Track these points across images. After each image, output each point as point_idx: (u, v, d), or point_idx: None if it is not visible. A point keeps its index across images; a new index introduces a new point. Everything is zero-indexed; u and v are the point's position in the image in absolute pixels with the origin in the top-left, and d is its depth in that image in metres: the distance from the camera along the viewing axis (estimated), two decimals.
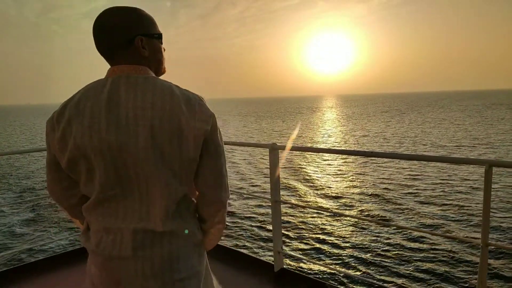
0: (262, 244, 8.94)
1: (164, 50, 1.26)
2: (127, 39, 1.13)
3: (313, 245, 8.90)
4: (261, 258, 3.23)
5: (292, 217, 10.72)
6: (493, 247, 2.06)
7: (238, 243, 9.06)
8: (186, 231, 1.16)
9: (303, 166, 18.27)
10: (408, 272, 7.42)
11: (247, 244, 8.91)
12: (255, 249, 8.64)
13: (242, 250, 3.43)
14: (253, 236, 9.66)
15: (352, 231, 9.58)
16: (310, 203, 12.51)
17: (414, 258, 7.96)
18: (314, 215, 10.83)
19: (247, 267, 3.15)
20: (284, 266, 2.97)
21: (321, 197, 13.02)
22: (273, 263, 2.98)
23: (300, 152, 22.26)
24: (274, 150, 2.85)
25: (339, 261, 8.00)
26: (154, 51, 1.19)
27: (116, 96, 1.08)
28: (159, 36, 1.21)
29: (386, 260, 7.92)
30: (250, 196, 12.97)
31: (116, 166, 1.07)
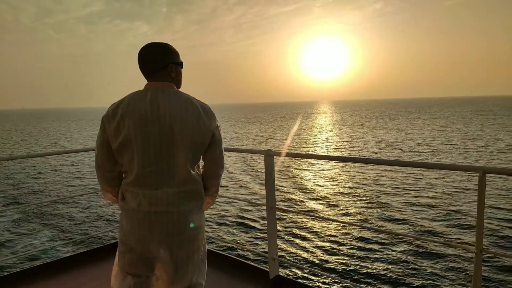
0: (257, 250, 8.90)
1: (182, 66, 1.82)
2: (164, 65, 1.70)
3: (309, 252, 8.88)
4: (256, 265, 3.22)
5: (287, 224, 10.70)
6: (487, 253, 2.07)
7: (233, 249, 9.02)
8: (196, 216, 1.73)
9: (298, 172, 18.28)
10: (402, 278, 7.42)
11: (242, 250, 8.87)
12: (250, 256, 8.60)
13: (237, 257, 3.41)
14: (248, 242, 9.62)
15: (347, 237, 9.57)
16: (305, 210, 12.50)
17: (408, 265, 7.96)
18: (310, 221, 10.82)
19: (242, 274, 3.13)
20: (280, 273, 2.96)
21: (316, 204, 13.02)
22: (268, 270, 2.97)
23: (296, 158, 22.29)
24: (270, 156, 2.86)
25: (335, 268, 7.98)
26: (177, 74, 1.76)
27: (156, 102, 1.61)
28: (182, 64, 1.79)
29: (381, 266, 7.92)
30: (245, 202, 12.94)
31: (155, 149, 1.61)
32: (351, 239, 9.43)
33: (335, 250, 8.85)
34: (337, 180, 16.46)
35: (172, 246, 1.66)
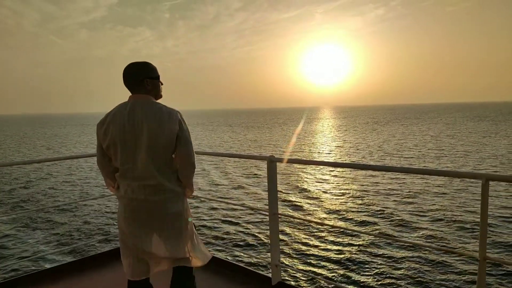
0: (259, 257, 8.87)
1: (162, 84, 2.20)
2: (139, 80, 2.07)
3: (311, 258, 8.83)
4: (259, 271, 3.21)
5: (290, 230, 10.65)
6: (491, 261, 2.06)
7: (235, 255, 8.99)
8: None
9: (300, 178, 18.24)
10: (405, 285, 7.36)
11: (244, 257, 8.84)
12: (252, 262, 8.56)
13: (239, 263, 3.41)
14: (250, 249, 9.59)
15: (350, 244, 9.52)
16: (308, 216, 12.45)
17: (412, 272, 7.91)
18: (312, 228, 10.77)
19: (244, 280, 3.12)
20: (282, 280, 2.95)
21: (319, 210, 12.97)
22: (270, 276, 2.96)
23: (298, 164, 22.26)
24: (272, 162, 2.86)
25: (337, 275, 7.93)
26: (154, 86, 2.13)
27: (133, 112, 2.01)
28: (157, 77, 2.15)
29: (384, 274, 7.86)
30: (247, 208, 12.91)
31: (131, 150, 2.00)
32: (354, 246, 9.38)
33: (338, 257, 8.81)
34: (339, 186, 16.42)
35: (153, 229, 2.05)
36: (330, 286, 7.37)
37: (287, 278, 7.63)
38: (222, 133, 54.01)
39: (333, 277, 7.82)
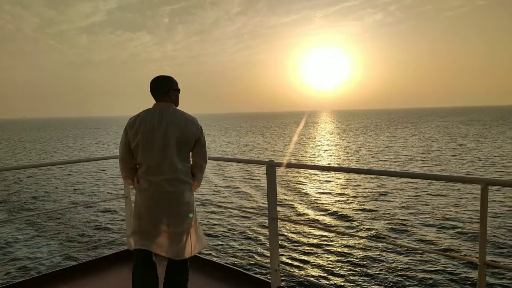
0: (259, 261, 8.84)
1: (180, 91, 2.63)
2: (166, 91, 2.51)
3: (311, 263, 8.80)
4: (258, 276, 3.20)
5: (289, 234, 10.63)
6: (491, 266, 2.06)
7: (235, 260, 8.96)
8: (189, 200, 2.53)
9: (300, 182, 18.23)
10: None
11: (243, 261, 8.81)
12: (252, 267, 8.53)
13: (238, 268, 3.40)
14: (250, 253, 9.56)
15: (350, 248, 9.50)
16: (307, 220, 12.43)
17: (412, 277, 7.88)
18: (312, 232, 10.75)
19: (244, 285, 3.12)
20: (282, 284, 2.94)
21: (319, 214, 12.95)
22: (270, 281, 2.95)
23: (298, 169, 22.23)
24: (272, 167, 2.86)
25: (337, 280, 7.91)
26: (175, 97, 2.57)
27: (160, 117, 2.41)
28: (179, 90, 2.60)
29: (384, 278, 7.84)
30: (247, 213, 12.89)
31: (159, 150, 2.39)
32: (354, 250, 9.35)
33: (338, 261, 8.78)
34: (339, 190, 16.40)
35: (170, 214, 2.43)
36: None
37: (287, 282, 7.61)
38: (220, 137, 54.03)
39: (333, 282, 7.80)
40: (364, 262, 8.67)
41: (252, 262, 8.72)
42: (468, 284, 7.51)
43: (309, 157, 29.63)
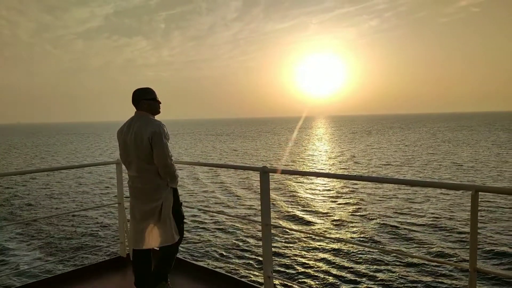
0: (252, 268, 8.80)
1: (160, 103, 3.04)
2: (138, 101, 2.95)
3: (304, 270, 8.79)
4: (251, 282, 3.20)
5: (283, 241, 10.61)
6: (481, 272, 2.08)
7: (228, 267, 8.92)
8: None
9: (293, 189, 18.24)
10: None
11: (237, 268, 8.77)
12: (245, 274, 8.50)
13: (231, 275, 3.39)
14: (243, 260, 9.52)
15: (343, 255, 9.51)
16: (301, 227, 12.42)
17: (403, 283, 7.91)
18: (306, 239, 10.74)
19: None
20: None
21: (312, 221, 12.95)
22: (263, 287, 2.95)
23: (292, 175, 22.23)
24: (265, 173, 2.87)
25: (330, 286, 7.90)
26: (150, 106, 2.96)
27: (133, 124, 2.90)
28: (153, 99, 2.98)
29: (376, 284, 7.85)
30: (240, 219, 12.84)
31: (129, 152, 2.89)
32: (347, 257, 9.36)
33: (331, 268, 8.78)
34: (332, 196, 16.44)
35: (146, 209, 2.87)
36: None
37: None
38: (211, 142, 53.91)
39: None
40: (357, 268, 8.68)
41: (245, 269, 8.68)
42: None
43: (303, 162, 29.68)
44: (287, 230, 11.53)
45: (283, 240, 10.66)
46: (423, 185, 2.34)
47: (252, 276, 8.34)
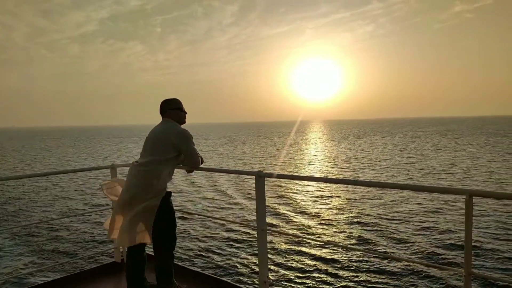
0: (248, 273, 8.77)
1: (186, 113, 3.28)
2: (166, 110, 3.21)
3: (300, 274, 8.77)
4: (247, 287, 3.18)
5: (279, 246, 10.59)
6: (476, 276, 2.09)
7: (223, 272, 8.87)
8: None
9: (289, 193, 18.22)
10: None
11: (232, 273, 8.73)
12: (241, 278, 8.46)
13: (227, 280, 3.38)
14: (238, 265, 9.48)
15: (339, 260, 9.50)
16: (297, 231, 12.40)
17: (398, 286, 7.91)
18: (301, 243, 10.72)
19: None
20: None
21: (308, 225, 12.94)
22: None
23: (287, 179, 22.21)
24: (261, 178, 2.87)
25: None
26: (175, 115, 3.20)
27: (156, 128, 3.22)
28: (177, 108, 3.21)
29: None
30: (235, 224, 12.80)
31: (146, 143, 3.17)
32: (343, 262, 9.36)
33: (327, 273, 8.77)
34: (328, 201, 16.45)
35: (133, 199, 3.00)
36: None
37: None
38: (207, 146, 53.82)
39: None
40: (352, 273, 8.67)
41: (241, 274, 8.65)
42: None
43: (298, 167, 29.70)
44: (283, 235, 11.51)
45: (279, 245, 10.64)
46: (418, 190, 2.35)
47: (248, 281, 8.30)
